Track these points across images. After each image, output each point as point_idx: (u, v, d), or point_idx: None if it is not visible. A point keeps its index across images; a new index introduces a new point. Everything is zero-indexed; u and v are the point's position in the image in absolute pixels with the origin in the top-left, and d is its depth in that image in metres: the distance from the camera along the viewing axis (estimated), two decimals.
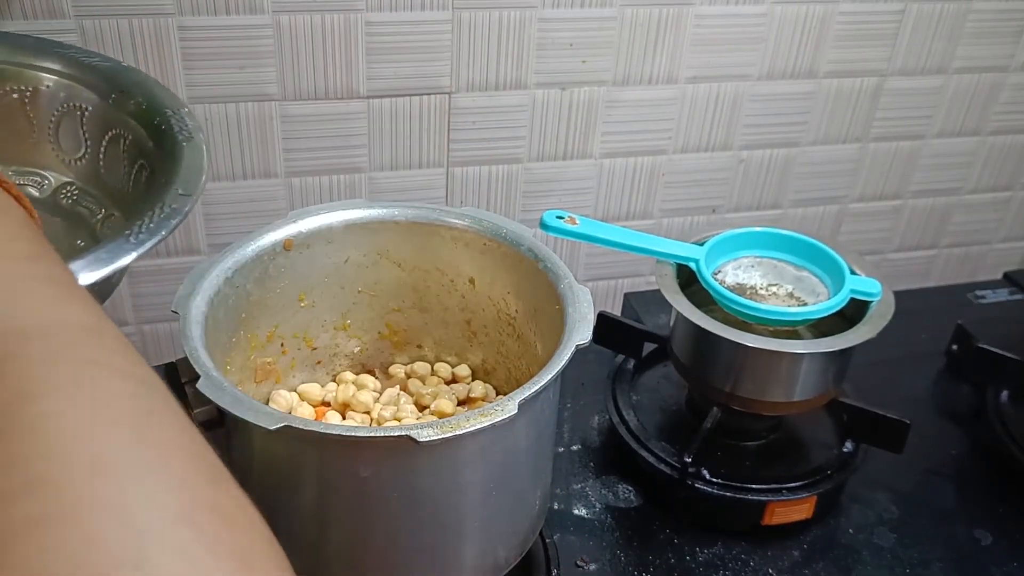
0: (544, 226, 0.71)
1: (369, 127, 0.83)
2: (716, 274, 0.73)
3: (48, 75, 0.57)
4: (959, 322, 0.90)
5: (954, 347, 0.90)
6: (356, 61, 0.80)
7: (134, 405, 0.28)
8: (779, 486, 0.72)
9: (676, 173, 0.95)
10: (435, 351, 0.75)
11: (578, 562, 0.70)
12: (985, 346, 0.85)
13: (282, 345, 0.71)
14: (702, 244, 0.73)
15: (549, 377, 0.54)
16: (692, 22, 0.86)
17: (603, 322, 0.81)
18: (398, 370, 0.74)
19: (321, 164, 0.84)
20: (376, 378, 0.74)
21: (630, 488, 0.76)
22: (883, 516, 0.76)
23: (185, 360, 0.55)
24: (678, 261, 0.72)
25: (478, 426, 0.51)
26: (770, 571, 0.70)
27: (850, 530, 0.74)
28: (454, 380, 0.73)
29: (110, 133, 0.57)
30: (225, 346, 0.62)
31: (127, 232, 0.45)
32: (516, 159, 0.89)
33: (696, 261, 0.72)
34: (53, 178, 0.58)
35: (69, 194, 0.58)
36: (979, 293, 1.01)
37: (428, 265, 0.71)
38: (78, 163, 0.57)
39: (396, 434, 0.50)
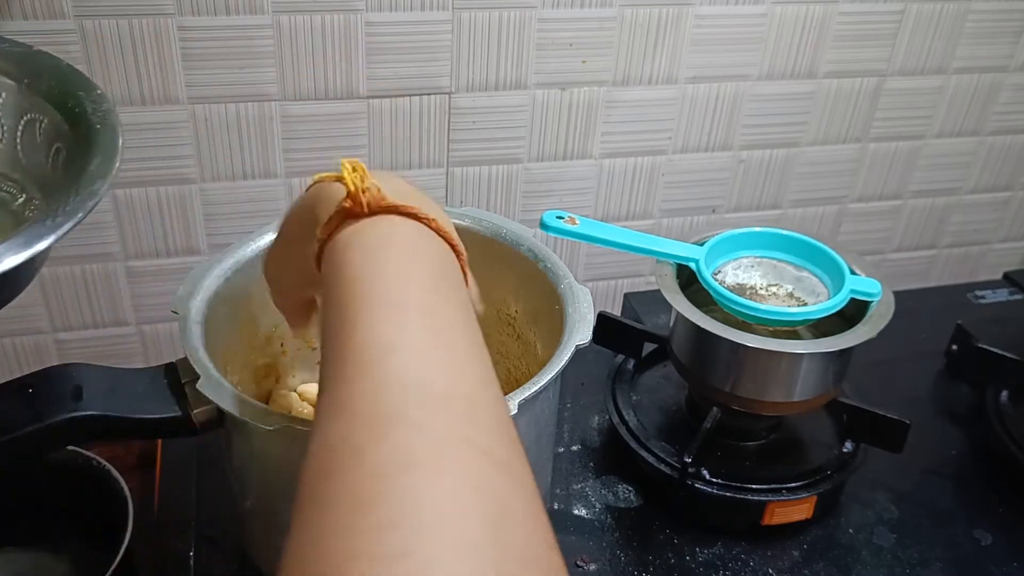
0: (544, 226, 0.71)
1: (369, 127, 0.83)
2: (716, 274, 0.73)
3: None
4: (959, 322, 0.90)
5: (954, 347, 0.91)
6: (356, 61, 0.80)
7: (494, 497, 0.30)
8: (779, 486, 0.72)
9: (676, 173, 0.95)
10: None
11: (578, 562, 0.70)
12: (985, 346, 0.85)
13: (282, 345, 0.71)
14: (702, 244, 0.73)
15: (549, 377, 0.54)
16: (692, 22, 0.86)
17: (603, 322, 0.81)
18: None
19: (321, 164, 0.84)
20: None
21: (630, 488, 0.76)
22: (883, 516, 0.76)
23: (185, 360, 0.55)
24: (678, 261, 0.72)
25: None
26: (770, 571, 0.70)
27: (850, 530, 0.74)
28: None
29: (26, 117, 0.57)
30: (225, 346, 0.62)
31: (45, 216, 0.45)
32: (516, 159, 0.89)
33: (696, 261, 0.72)
34: None
35: None
36: (979, 293, 1.01)
37: None
38: None
39: None
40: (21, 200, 0.57)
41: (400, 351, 0.34)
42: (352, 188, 0.40)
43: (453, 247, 0.42)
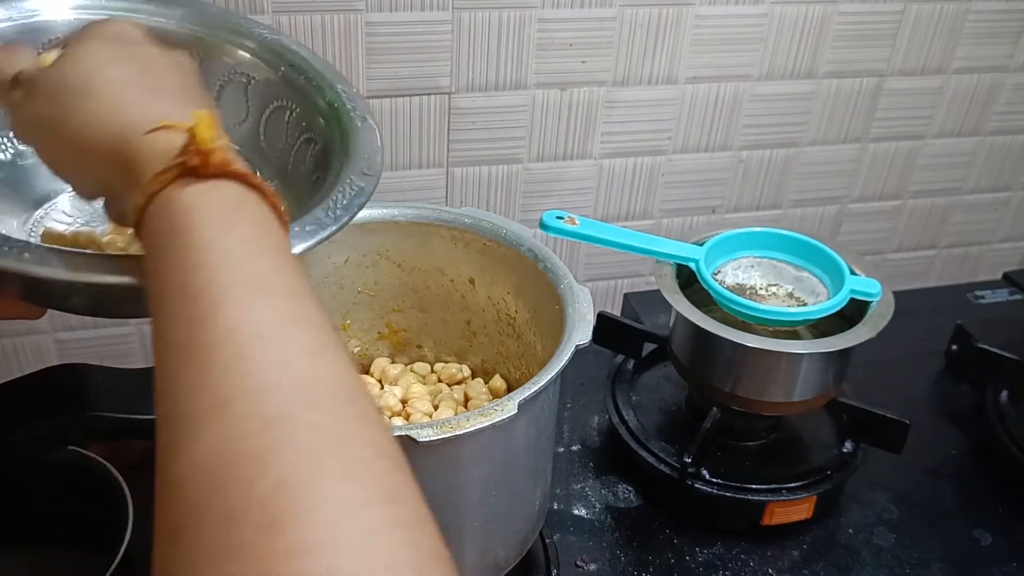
0: (544, 226, 0.71)
1: None
2: (716, 274, 0.73)
3: (226, 44, 0.58)
4: (959, 322, 0.90)
5: (954, 347, 0.91)
6: (356, 61, 0.80)
7: (402, 502, 0.29)
8: (779, 486, 0.72)
9: (676, 173, 0.95)
10: (435, 351, 0.75)
11: (578, 562, 0.70)
12: (985, 346, 0.85)
13: None
14: (702, 244, 0.73)
15: (549, 377, 0.54)
16: (692, 22, 0.86)
17: (603, 322, 0.81)
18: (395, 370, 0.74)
19: None
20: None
21: (630, 488, 0.76)
22: (883, 516, 0.76)
23: None
24: (678, 261, 0.72)
25: (478, 426, 0.51)
26: (770, 571, 0.70)
27: (850, 530, 0.74)
28: (460, 382, 0.72)
29: (274, 103, 0.58)
30: None
31: (323, 207, 0.46)
32: (516, 159, 0.89)
33: (696, 261, 0.72)
34: None
35: None
36: (979, 293, 1.01)
37: (428, 265, 0.71)
38: (237, 127, 0.58)
39: (396, 434, 0.50)
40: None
41: (276, 339, 0.31)
42: (205, 145, 0.35)
43: (284, 225, 0.37)
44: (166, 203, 0.35)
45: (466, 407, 0.69)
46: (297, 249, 0.43)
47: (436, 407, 0.68)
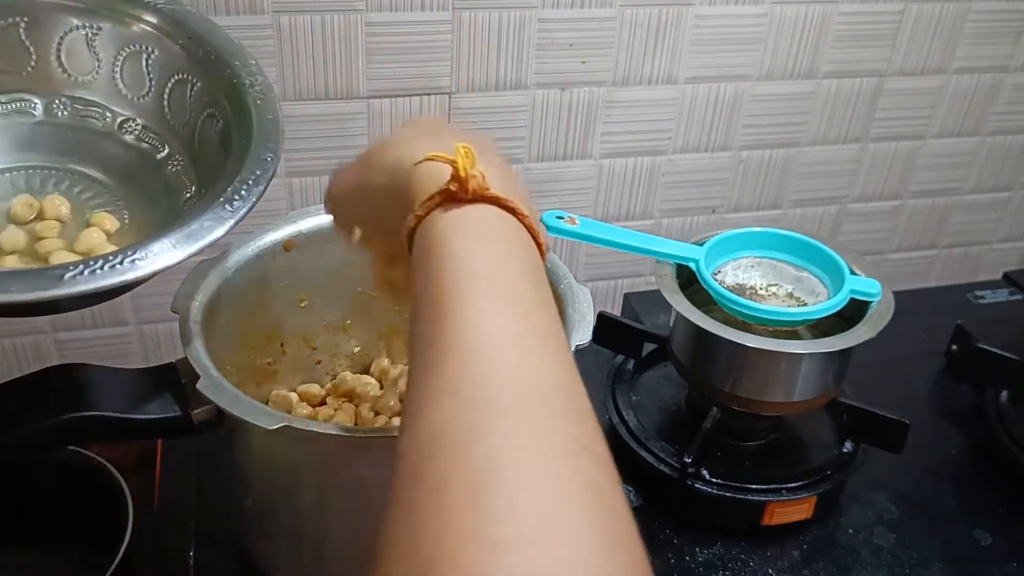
0: (544, 226, 0.71)
1: (369, 127, 0.83)
2: (716, 274, 0.73)
3: (125, 15, 0.59)
4: (959, 322, 0.90)
5: (954, 347, 0.91)
6: (356, 61, 0.80)
7: (599, 493, 0.31)
8: (779, 486, 0.72)
9: (676, 173, 0.95)
10: None
11: None
12: (985, 346, 0.85)
13: (282, 345, 0.71)
14: (702, 244, 0.73)
15: None
16: (692, 22, 0.86)
17: (603, 322, 0.81)
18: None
19: (321, 164, 0.84)
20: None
21: (630, 488, 0.76)
22: (883, 516, 0.76)
23: (185, 360, 0.55)
24: (678, 261, 0.72)
25: None
26: (770, 571, 0.70)
27: (850, 530, 0.74)
28: None
29: (176, 76, 0.59)
30: (225, 346, 0.62)
31: (219, 201, 0.48)
32: (516, 159, 0.89)
33: (696, 261, 0.72)
34: (115, 112, 0.60)
35: (131, 129, 0.60)
36: (979, 293, 1.01)
37: None
38: (140, 100, 0.60)
39: (396, 434, 0.50)
40: (164, 153, 0.59)
41: (506, 341, 0.35)
42: (463, 173, 0.41)
43: (539, 245, 0.43)
44: (431, 225, 0.41)
45: None
46: (194, 248, 0.46)
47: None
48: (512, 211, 0.42)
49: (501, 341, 0.35)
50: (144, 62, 0.59)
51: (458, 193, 0.41)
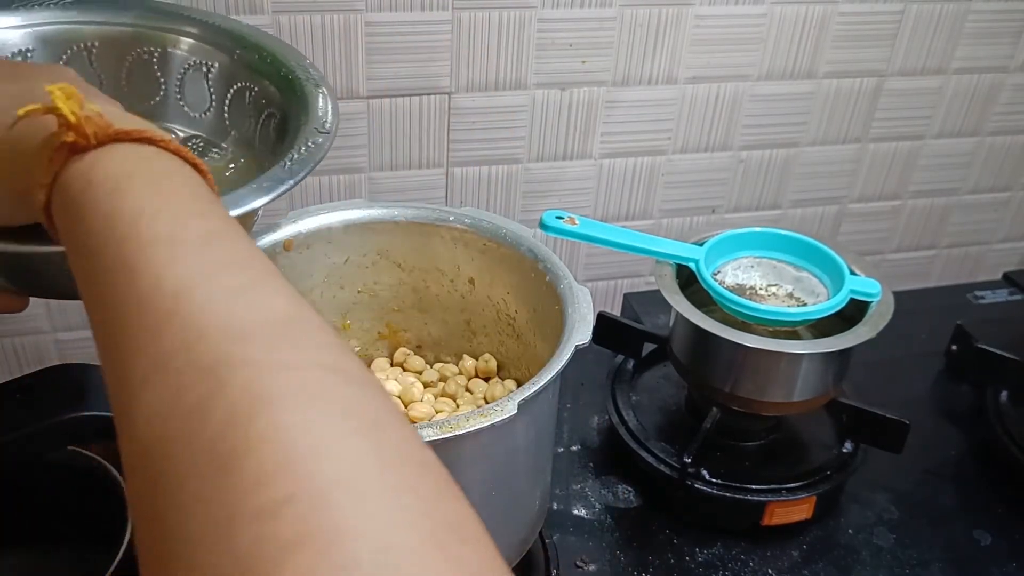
0: (544, 226, 0.71)
1: (369, 127, 0.83)
2: (716, 274, 0.73)
3: (177, 36, 0.60)
4: (959, 322, 0.90)
5: (954, 347, 0.91)
6: (356, 61, 0.80)
7: (362, 413, 0.27)
8: (779, 486, 0.72)
9: (676, 173, 0.95)
10: (435, 351, 0.75)
11: (578, 562, 0.70)
12: (984, 346, 0.86)
13: None
14: (701, 244, 0.73)
15: (549, 377, 0.54)
16: (692, 22, 0.86)
17: (603, 322, 0.81)
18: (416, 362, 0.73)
19: (321, 164, 0.84)
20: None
21: (630, 488, 0.76)
22: (882, 516, 0.76)
23: None
24: (678, 261, 0.72)
25: (478, 426, 0.51)
26: (769, 571, 0.70)
27: (849, 530, 0.74)
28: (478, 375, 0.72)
29: (235, 86, 0.60)
30: None
31: (280, 164, 0.49)
32: (516, 159, 0.89)
33: (696, 261, 0.72)
34: (180, 132, 0.61)
35: (195, 146, 0.61)
36: (978, 293, 1.01)
37: (428, 265, 0.71)
38: (203, 116, 0.60)
39: None
40: (228, 163, 0.60)
41: (197, 288, 0.29)
42: (73, 118, 0.34)
43: (194, 164, 0.36)
44: (64, 190, 0.34)
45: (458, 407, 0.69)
46: (257, 204, 0.45)
47: (438, 408, 0.68)
48: (149, 140, 0.35)
49: (195, 291, 0.29)
50: (205, 78, 0.60)
51: (79, 142, 0.34)
